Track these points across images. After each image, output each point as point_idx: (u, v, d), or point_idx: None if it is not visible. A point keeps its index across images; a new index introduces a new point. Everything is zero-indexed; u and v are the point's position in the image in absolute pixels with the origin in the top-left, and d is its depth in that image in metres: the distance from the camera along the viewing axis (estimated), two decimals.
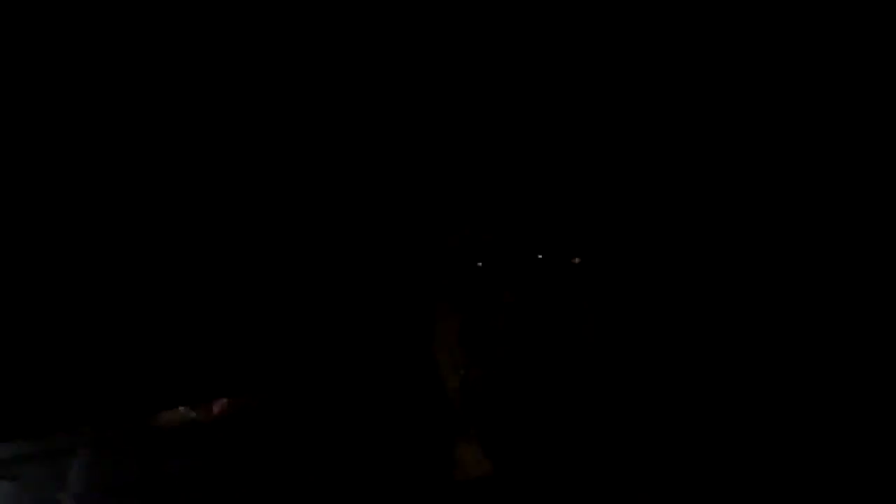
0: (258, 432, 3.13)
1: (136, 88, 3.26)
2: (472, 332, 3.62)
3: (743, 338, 3.39)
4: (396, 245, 3.60)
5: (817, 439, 3.15)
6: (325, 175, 3.47)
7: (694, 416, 3.46)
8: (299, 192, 3.42)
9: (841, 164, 3.35)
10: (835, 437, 3.12)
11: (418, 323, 3.56)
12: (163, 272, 3.12)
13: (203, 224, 3.21)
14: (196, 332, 3.12)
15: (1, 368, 2.87)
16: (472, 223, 3.88)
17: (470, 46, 3.55)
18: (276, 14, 3.33)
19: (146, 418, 3.06)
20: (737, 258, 3.48)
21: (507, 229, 3.85)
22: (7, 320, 2.88)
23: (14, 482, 2.95)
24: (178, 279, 3.11)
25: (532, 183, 3.81)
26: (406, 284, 3.57)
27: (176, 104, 3.30)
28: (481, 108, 3.61)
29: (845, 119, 3.34)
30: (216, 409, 3.16)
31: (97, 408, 3.03)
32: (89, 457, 3.02)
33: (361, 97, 3.46)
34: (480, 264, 3.78)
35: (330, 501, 2.99)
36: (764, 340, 3.35)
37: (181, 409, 3.12)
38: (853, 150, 3.34)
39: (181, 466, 3.01)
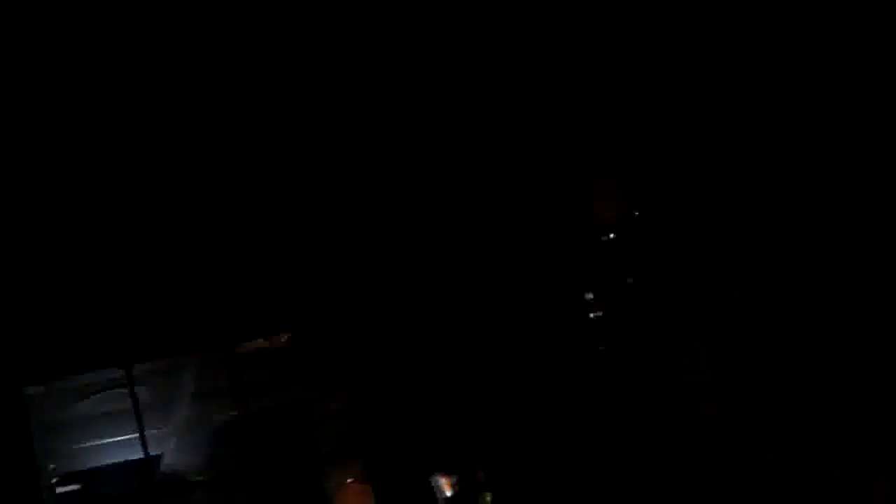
0: (310, 356, 4.41)
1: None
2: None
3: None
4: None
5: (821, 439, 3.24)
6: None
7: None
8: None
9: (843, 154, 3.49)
10: (837, 436, 3.18)
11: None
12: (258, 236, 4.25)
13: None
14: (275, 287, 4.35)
15: (139, 314, 4.21)
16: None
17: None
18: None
19: (235, 345, 4.37)
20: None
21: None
22: (141, 283, 4.20)
23: (147, 388, 4.31)
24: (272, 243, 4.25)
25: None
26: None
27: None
28: None
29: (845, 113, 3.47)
30: (282, 339, 4.46)
31: (203, 338, 4.34)
32: (198, 371, 4.37)
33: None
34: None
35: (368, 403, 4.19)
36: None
37: (259, 340, 4.43)
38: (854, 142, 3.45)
39: (257, 377, 4.31)
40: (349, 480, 4.21)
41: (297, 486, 4.19)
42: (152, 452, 4.23)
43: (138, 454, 4.23)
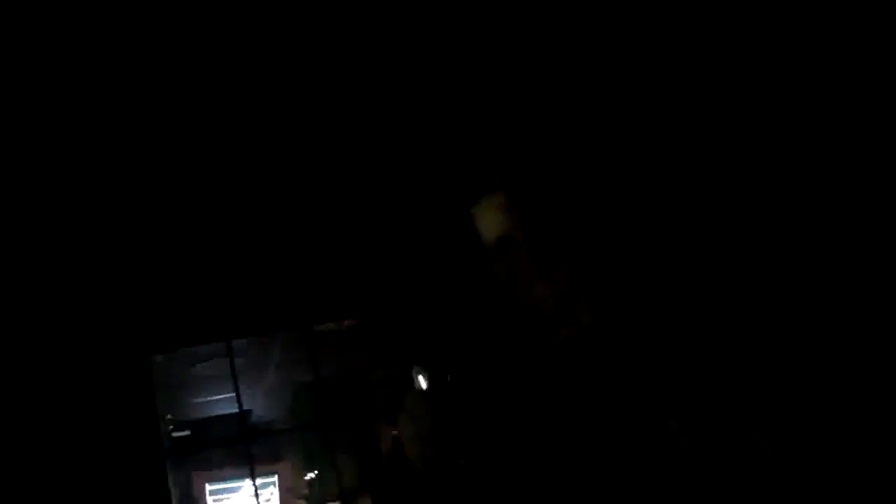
0: (368, 337, 5.59)
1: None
2: None
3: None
4: None
5: (818, 439, 3.00)
6: None
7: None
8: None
9: (841, 164, 3.11)
10: (835, 437, 2.98)
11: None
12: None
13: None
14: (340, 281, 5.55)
15: (238, 300, 5.42)
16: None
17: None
18: None
19: (311, 326, 5.56)
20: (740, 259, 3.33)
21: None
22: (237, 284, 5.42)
23: (243, 357, 5.54)
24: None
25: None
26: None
27: None
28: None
29: (845, 119, 3.10)
30: (347, 323, 5.64)
31: (286, 321, 5.54)
32: (282, 345, 5.59)
33: None
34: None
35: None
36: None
37: (329, 323, 5.63)
38: (853, 151, 3.10)
39: (327, 351, 5.50)
40: (394, 433, 5.41)
41: (356, 433, 5.39)
42: (246, 407, 5.47)
43: (235, 408, 5.44)
